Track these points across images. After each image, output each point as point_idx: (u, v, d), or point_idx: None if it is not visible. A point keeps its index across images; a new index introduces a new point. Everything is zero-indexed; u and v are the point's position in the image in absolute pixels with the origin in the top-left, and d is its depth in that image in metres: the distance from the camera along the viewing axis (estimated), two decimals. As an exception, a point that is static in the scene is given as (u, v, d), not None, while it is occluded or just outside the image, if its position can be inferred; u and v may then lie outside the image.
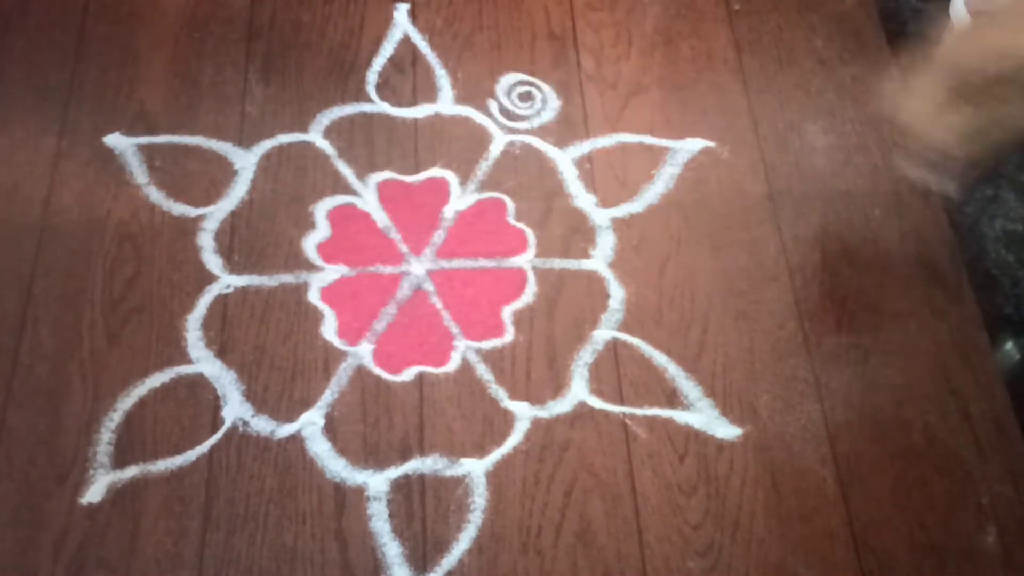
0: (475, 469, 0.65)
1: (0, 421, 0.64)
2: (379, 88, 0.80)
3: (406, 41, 0.82)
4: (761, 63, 0.83)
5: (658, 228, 0.75)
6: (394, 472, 0.64)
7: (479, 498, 0.64)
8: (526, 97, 0.80)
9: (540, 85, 0.81)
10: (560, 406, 0.67)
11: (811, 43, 0.84)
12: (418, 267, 0.72)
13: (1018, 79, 0.55)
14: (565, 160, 0.77)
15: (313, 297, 0.70)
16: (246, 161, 0.75)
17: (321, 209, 0.74)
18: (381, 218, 0.74)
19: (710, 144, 0.79)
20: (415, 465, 0.65)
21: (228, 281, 0.70)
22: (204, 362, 0.67)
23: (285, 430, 0.65)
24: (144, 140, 0.76)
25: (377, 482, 0.64)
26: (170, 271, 0.70)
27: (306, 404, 0.66)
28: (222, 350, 0.68)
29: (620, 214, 0.75)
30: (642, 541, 0.63)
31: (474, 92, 0.80)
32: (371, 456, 0.65)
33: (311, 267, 0.71)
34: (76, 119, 0.76)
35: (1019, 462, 0.66)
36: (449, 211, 0.74)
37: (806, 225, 0.75)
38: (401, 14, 0.83)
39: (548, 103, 0.80)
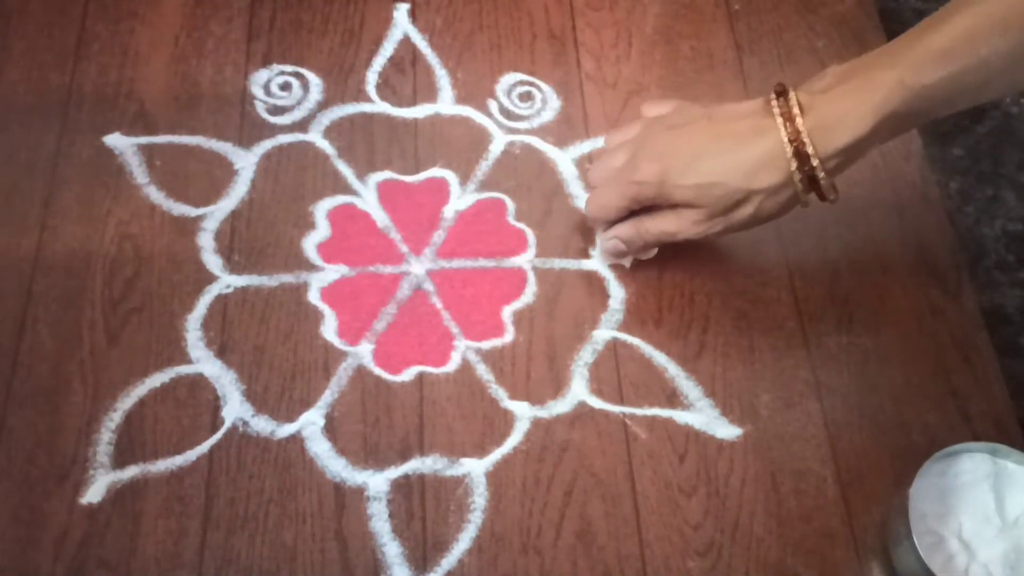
0: (475, 469, 0.65)
1: (0, 421, 0.64)
2: (379, 88, 0.80)
3: (406, 41, 0.82)
4: (761, 63, 0.83)
5: (658, 228, 0.74)
6: (394, 472, 0.64)
7: (479, 498, 0.64)
8: (526, 97, 0.80)
9: (540, 85, 0.81)
10: (560, 406, 0.67)
11: (811, 43, 0.84)
12: (418, 267, 0.72)
13: None
14: (565, 160, 0.77)
15: (313, 297, 0.70)
16: (246, 161, 0.75)
17: (321, 209, 0.74)
18: (381, 218, 0.74)
19: (710, 144, 0.79)
20: (415, 465, 0.65)
21: (228, 281, 0.70)
22: (204, 362, 0.67)
23: (285, 430, 0.65)
24: (144, 140, 0.76)
25: (377, 482, 0.64)
26: (170, 271, 0.70)
27: (306, 404, 0.66)
28: (222, 350, 0.68)
29: (620, 214, 0.75)
30: (642, 541, 0.63)
31: (474, 92, 0.80)
32: (371, 456, 0.65)
33: (311, 267, 0.71)
34: (76, 119, 0.76)
35: (1019, 462, 0.66)
36: (449, 211, 0.74)
37: (806, 225, 0.75)
38: (401, 14, 0.83)
39: (548, 103, 0.80)
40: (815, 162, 0.61)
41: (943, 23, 0.59)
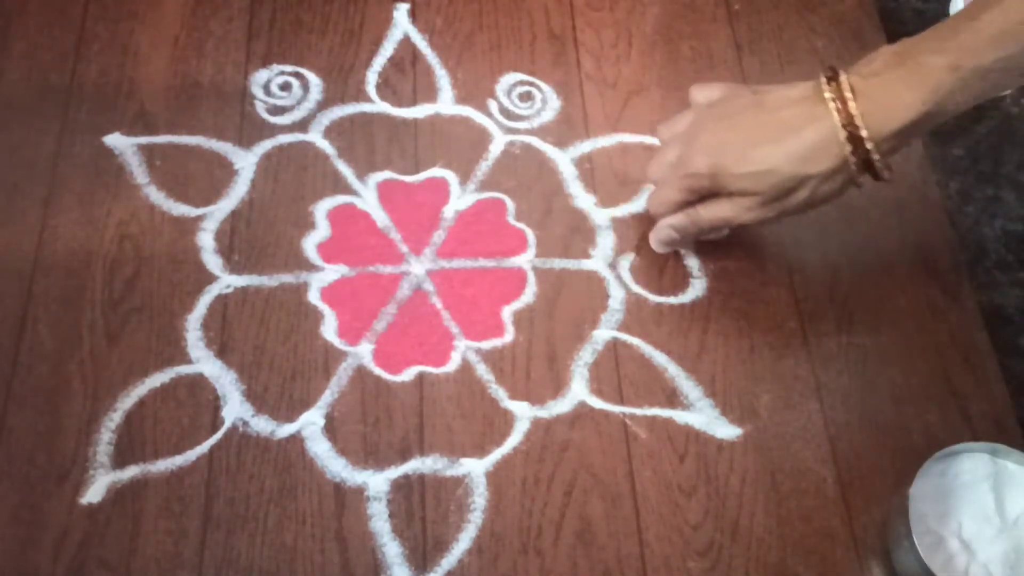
0: (475, 469, 0.65)
1: (0, 421, 0.64)
2: (379, 88, 0.80)
3: (406, 41, 0.82)
4: (761, 63, 0.83)
5: (658, 228, 0.74)
6: (394, 472, 0.64)
7: (479, 498, 0.64)
8: (526, 97, 0.80)
9: (540, 85, 0.81)
10: (560, 406, 0.67)
11: (811, 43, 0.84)
12: (418, 267, 0.72)
13: None
14: (565, 160, 0.77)
15: (313, 297, 0.70)
16: (246, 161, 0.75)
17: (321, 209, 0.74)
18: (381, 218, 0.74)
19: (710, 144, 0.78)
20: (415, 465, 0.65)
21: (228, 281, 0.70)
22: (204, 362, 0.67)
23: (285, 430, 0.65)
24: (144, 140, 0.76)
25: (377, 482, 0.64)
26: (170, 271, 0.70)
27: (306, 404, 0.66)
28: (222, 350, 0.68)
29: (620, 214, 0.75)
30: (642, 541, 0.63)
31: (474, 92, 0.80)
32: (371, 456, 0.65)
33: (311, 267, 0.71)
34: (76, 119, 0.76)
35: (1019, 462, 0.66)
36: (449, 211, 0.74)
37: (806, 225, 0.75)
38: (401, 14, 0.83)
39: (548, 103, 0.80)
40: (869, 145, 0.61)
41: (997, 3, 0.59)
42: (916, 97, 0.60)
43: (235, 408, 0.66)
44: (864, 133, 0.61)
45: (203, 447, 0.64)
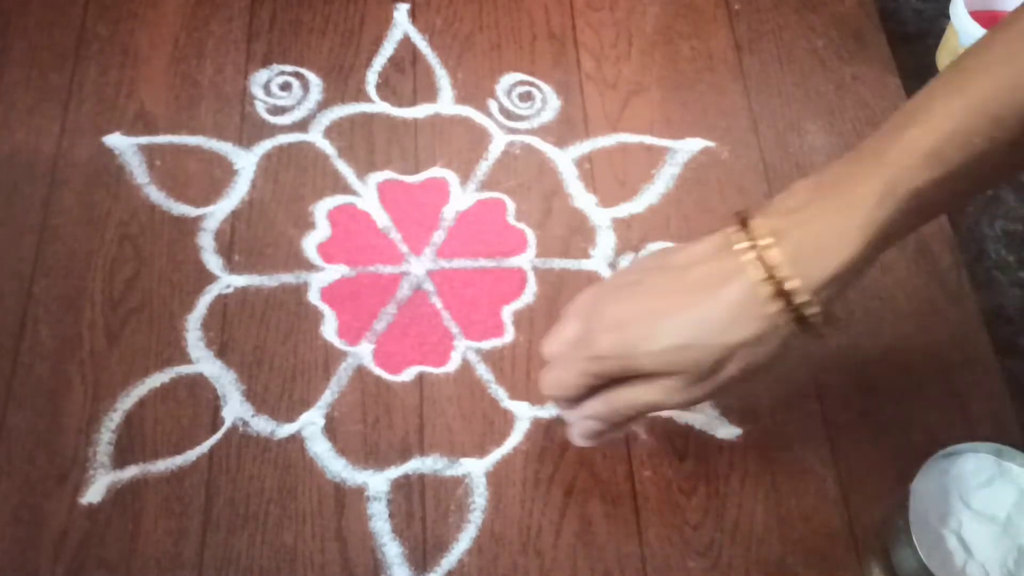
0: (475, 469, 0.65)
1: (0, 421, 0.64)
2: (379, 88, 0.80)
3: (406, 41, 0.82)
4: (761, 63, 0.83)
5: (658, 228, 0.75)
6: (394, 472, 0.64)
7: (479, 498, 0.64)
8: (526, 97, 0.80)
9: (540, 85, 0.81)
10: (560, 406, 0.67)
11: (811, 43, 0.84)
12: (418, 267, 0.72)
13: None
14: (565, 160, 0.77)
15: (313, 297, 0.70)
16: (246, 161, 0.75)
17: (321, 209, 0.74)
18: (381, 218, 0.74)
19: (710, 144, 0.79)
20: (415, 465, 0.65)
21: (228, 281, 0.70)
22: (204, 362, 0.67)
23: (285, 430, 0.65)
24: (144, 140, 0.76)
25: (377, 482, 0.64)
26: (170, 271, 0.70)
27: (306, 404, 0.66)
28: (222, 350, 0.68)
29: (620, 214, 0.75)
30: (642, 541, 0.63)
31: (474, 92, 0.80)
32: (371, 456, 0.65)
33: (311, 267, 0.71)
34: (76, 119, 0.76)
35: (1019, 462, 0.66)
36: (449, 211, 0.74)
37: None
38: (401, 14, 0.83)
39: (548, 103, 0.80)
40: (803, 298, 0.49)
41: (926, 116, 0.49)
42: (850, 229, 0.49)
43: (235, 408, 0.66)
44: (795, 284, 0.49)
45: (203, 447, 0.64)
